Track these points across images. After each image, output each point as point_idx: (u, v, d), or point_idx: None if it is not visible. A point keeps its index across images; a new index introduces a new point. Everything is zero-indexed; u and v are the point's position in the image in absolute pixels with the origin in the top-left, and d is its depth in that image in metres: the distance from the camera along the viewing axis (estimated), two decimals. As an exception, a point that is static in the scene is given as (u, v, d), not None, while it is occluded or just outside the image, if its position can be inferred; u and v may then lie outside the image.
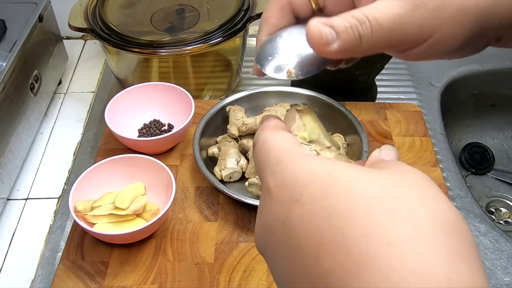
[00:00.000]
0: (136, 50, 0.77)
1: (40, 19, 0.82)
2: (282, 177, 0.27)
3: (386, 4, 0.31)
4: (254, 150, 0.34)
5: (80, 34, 0.99)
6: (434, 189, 0.25)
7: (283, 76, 0.34)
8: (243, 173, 0.69)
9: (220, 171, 0.68)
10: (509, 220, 0.88)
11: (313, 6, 0.35)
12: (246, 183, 0.67)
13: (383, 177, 0.25)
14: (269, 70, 0.34)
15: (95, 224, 0.62)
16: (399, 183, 0.24)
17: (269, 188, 0.28)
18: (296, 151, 0.29)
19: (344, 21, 0.32)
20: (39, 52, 0.82)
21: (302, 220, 0.25)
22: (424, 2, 0.31)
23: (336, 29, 0.32)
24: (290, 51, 0.34)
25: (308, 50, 0.33)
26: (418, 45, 0.32)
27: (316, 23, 0.31)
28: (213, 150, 0.72)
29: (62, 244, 0.66)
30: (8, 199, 0.73)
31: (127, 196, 0.64)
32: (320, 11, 0.36)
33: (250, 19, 0.81)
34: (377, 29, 0.31)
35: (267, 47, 0.35)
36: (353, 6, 0.35)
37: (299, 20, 0.37)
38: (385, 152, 0.29)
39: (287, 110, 0.37)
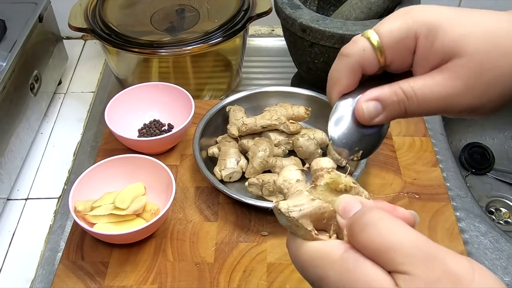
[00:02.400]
0: (136, 50, 0.77)
1: (40, 19, 0.82)
2: None
3: (437, 82, 0.34)
4: (292, 261, 0.34)
5: (80, 34, 0.99)
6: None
7: (352, 158, 0.37)
8: (243, 173, 0.69)
9: (220, 171, 0.68)
10: (509, 220, 0.88)
11: (381, 63, 0.37)
12: (246, 183, 0.67)
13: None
14: (344, 155, 0.37)
15: (95, 224, 0.62)
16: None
17: None
18: (328, 259, 0.30)
19: (393, 95, 0.35)
20: (39, 52, 0.82)
21: None
22: (476, 86, 0.33)
23: (383, 103, 0.36)
24: (358, 134, 0.37)
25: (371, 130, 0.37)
26: (459, 116, 0.36)
27: (361, 102, 0.36)
28: (213, 150, 0.72)
29: (62, 244, 0.66)
30: (8, 199, 0.73)
31: (127, 196, 0.64)
32: (387, 66, 0.37)
33: (250, 19, 0.81)
34: (423, 105, 0.35)
35: (343, 132, 0.37)
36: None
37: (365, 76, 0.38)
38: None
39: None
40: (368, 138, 0.37)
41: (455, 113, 0.36)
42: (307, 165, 0.38)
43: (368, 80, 0.38)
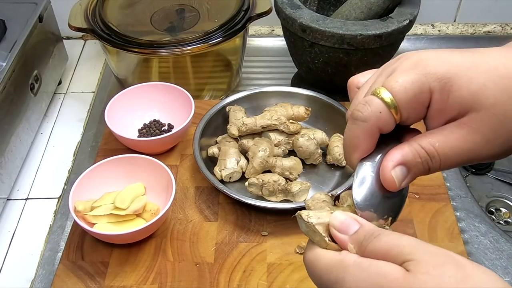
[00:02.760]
0: (136, 50, 0.77)
1: (40, 19, 0.82)
2: None
3: (458, 137, 0.34)
4: (306, 269, 0.36)
5: (80, 34, 0.99)
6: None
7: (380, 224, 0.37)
8: (243, 173, 0.69)
9: (220, 171, 0.68)
10: (509, 220, 0.88)
11: (396, 121, 0.35)
12: (246, 183, 0.67)
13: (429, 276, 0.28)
14: (375, 221, 0.36)
15: (95, 224, 0.62)
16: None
17: None
18: (341, 266, 0.32)
19: (416, 155, 0.34)
20: (39, 52, 0.82)
21: None
22: (496, 137, 0.33)
23: (407, 166, 0.35)
24: (385, 199, 0.37)
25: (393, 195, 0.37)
26: (479, 162, 0.36)
27: (389, 170, 0.35)
28: (213, 150, 0.72)
29: (62, 244, 0.66)
30: (8, 199, 0.73)
31: (127, 196, 0.64)
32: (401, 123, 0.36)
33: (250, 19, 0.81)
34: (446, 161, 0.34)
35: (370, 203, 0.37)
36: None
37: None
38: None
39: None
40: (394, 200, 0.37)
41: (477, 162, 0.36)
42: (333, 192, 0.39)
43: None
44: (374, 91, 0.35)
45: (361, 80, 0.39)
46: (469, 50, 0.35)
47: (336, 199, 0.40)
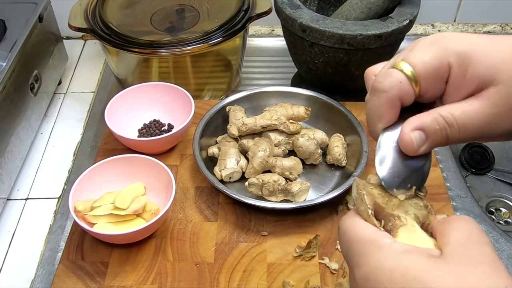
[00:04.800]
0: (136, 50, 0.77)
1: (40, 19, 0.82)
2: (366, 271, 0.32)
3: (476, 109, 0.35)
4: (338, 235, 0.37)
5: (80, 34, 0.99)
6: (501, 277, 0.29)
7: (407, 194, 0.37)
8: (243, 173, 0.69)
9: (220, 171, 0.68)
10: (509, 220, 0.88)
11: (416, 94, 0.36)
12: (246, 183, 0.67)
13: (454, 273, 0.29)
14: (398, 193, 0.37)
15: (95, 224, 0.62)
16: (467, 278, 0.29)
17: (355, 279, 0.33)
18: (376, 242, 0.33)
19: (434, 122, 0.35)
20: (39, 52, 0.82)
21: None
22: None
23: (426, 131, 0.35)
24: (407, 169, 0.38)
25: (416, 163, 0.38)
26: (496, 140, 0.37)
27: (408, 133, 0.36)
28: (213, 150, 0.72)
29: (62, 244, 0.66)
30: (8, 199, 0.73)
31: (127, 196, 0.64)
32: (420, 96, 0.37)
33: (250, 19, 0.81)
34: (464, 131, 0.35)
35: (392, 171, 0.37)
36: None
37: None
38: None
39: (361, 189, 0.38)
40: (416, 172, 0.37)
41: (493, 139, 0.36)
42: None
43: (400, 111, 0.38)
44: (394, 64, 0.36)
45: (378, 69, 0.40)
46: (487, 35, 0.36)
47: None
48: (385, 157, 0.37)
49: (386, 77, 0.36)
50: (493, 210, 0.89)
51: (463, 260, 0.30)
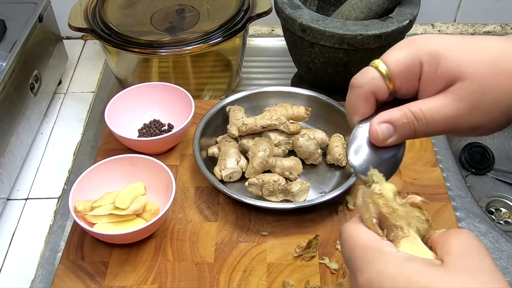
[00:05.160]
0: (136, 50, 0.77)
1: (40, 19, 0.82)
2: (369, 277, 0.32)
3: (443, 103, 0.37)
4: (340, 240, 0.38)
5: (80, 34, 0.99)
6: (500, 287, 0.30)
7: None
8: (243, 173, 0.69)
9: (220, 171, 0.68)
10: (509, 220, 0.88)
11: (390, 89, 0.40)
12: (246, 183, 0.67)
13: (456, 281, 0.30)
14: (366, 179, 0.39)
15: (95, 224, 0.62)
16: (469, 286, 0.29)
17: (357, 284, 0.33)
18: (379, 249, 0.33)
19: (403, 116, 0.38)
20: (39, 52, 0.83)
21: None
22: (478, 106, 0.37)
23: (394, 125, 0.39)
24: (377, 158, 0.40)
25: (387, 153, 0.40)
26: (465, 134, 0.39)
27: (374, 125, 0.39)
28: (213, 150, 0.72)
29: (62, 244, 0.66)
30: (8, 199, 0.73)
31: (127, 196, 0.64)
32: (395, 92, 0.40)
33: (250, 19, 0.81)
34: (432, 125, 0.38)
35: (363, 159, 0.40)
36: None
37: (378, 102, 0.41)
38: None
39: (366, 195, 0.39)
40: (387, 162, 0.40)
41: (462, 133, 0.39)
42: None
43: (382, 106, 0.41)
44: (372, 63, 0.40)
45: None
46: (461, 36, 0.39)
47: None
48: (358, 147, 0.40)
49: (361, 74, 0.40)
50: (493, 210, 0.89)
51: (465, 269, 0.30)
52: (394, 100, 0.41)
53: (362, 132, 0.41)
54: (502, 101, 0.37)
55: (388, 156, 0.40)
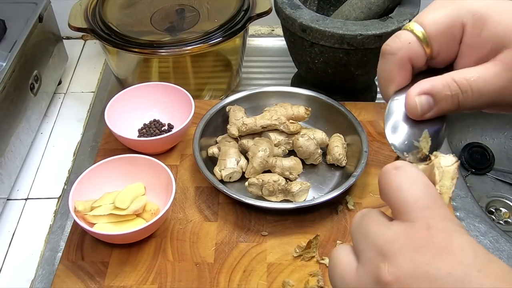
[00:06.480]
0: (136, 50, 0.77)
1: (40, 19, 0.82)
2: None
3: (492, 73, 0.33)
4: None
5: (80, 34, 0.99)
6: None
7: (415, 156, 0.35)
8: (243, 173, 0.69)
9: (220, 171, 0.68)
10: (509, 220, 0.88)
11: (428, 55, 0.35)
12: (246, 183, 0.67)
13: None
14: (410, 158, 0.35)
15: (95, 224, 0.62)
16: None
17: (379, 275, 0.28)
18: (353, 271, 0.29)
19: (446, 88, 0.33)
20: (39, 52, 0.83)
21: None
22: None
23: (435, 96, 0.34)
24: (418, 133, 0.35)
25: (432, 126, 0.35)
26: (508, 110, 0.35)
27: (413, 96, 0.34)
28: (213, 150, 0.72)
29: (62, 244, 0.66)
30: (8, 199, 0.73)
31: (127, 196, 0.64)
32: (432, 59, 0.36)
33: (250, 19, 0.81)
34: (478, 98, 0.33)
35: (402, 137, 0.36)
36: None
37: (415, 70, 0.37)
38: None
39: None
40: (430, 137, 0.36)
41: (505, 108, 0.35)
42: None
43: (414, 77, 0.37)
44: (405, 26, 0.35)
45: None
46: None
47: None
48: (396, 122, 0.36)
49: (395, 39, 0.35)
50: (493, 210, 0.89)
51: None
52: (428, 69, 0.37)
53: (398, 105, 0.36)
54: None
55: (431, 131, 0.35)
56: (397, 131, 0.36)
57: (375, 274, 0.27)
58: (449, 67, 0.36)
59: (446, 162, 0.33)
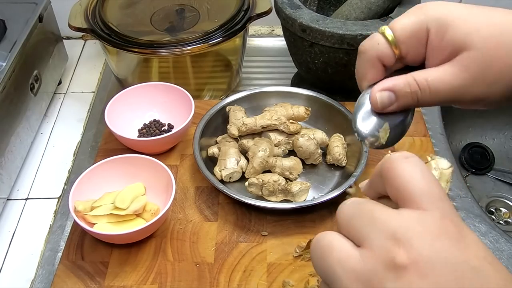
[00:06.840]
0: (136, 50, 0.77)
1: (40, 19, 0.82)
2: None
3: (449, 73, 0.37)
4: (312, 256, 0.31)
5: (80, 34, 0.99)
6: None
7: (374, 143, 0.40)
8: (243, 173, 0.69)
9: (220, 171, 0.68)
10: (509, 220, 0.88)
11: (396, 55, 0.39)
12: (246, 183, 0.67)
13: None
14: (368, 142, 0.40)
15: (95, 224, 0.62)
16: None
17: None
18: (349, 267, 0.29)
19: (406, 85, 0.38)
20: (39, 52, 0.83)
21: None
22: (483, 77, 0.36)
23: (397, 93, 0.38)
24: (382, 123, 0.40)
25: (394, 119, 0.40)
26: (467, 106, 0.39)
27: (375, 92, 0.39)
28: (213, 150, 0.72)
29: (62, 244, 0.66)
30: (8, 199, 0.73)
31: (127, 196, 0.64)
32: (403, 58, 0.40)
33: (250, 19, 0.81)
34: (435, 96, 0.37)
35: (367, 123, 0.40)
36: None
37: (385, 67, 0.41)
38: None
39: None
40: (394, 127, 0.40)
41: (464, 104, 0.38)
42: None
43: (394, 74, 0.41)
44: (380, 29, 0.40)
45: None
46: (474, 5, 0.38)
47: None
48: (365, 113, 0.40)
49: (368, 40, 0.40)
50: (493, 210, 0.89)
51: None
52: (406, 67, 0.41)
53: (367, 98, 0.41)
54: (507, 74, 0.36)
55: (393, 123, 0.40)
56: (363, 121, 0.40)
57: (387, 258, 0.27)
58: (422, 66, 0.40)
59: (444, 165, 0.37)
